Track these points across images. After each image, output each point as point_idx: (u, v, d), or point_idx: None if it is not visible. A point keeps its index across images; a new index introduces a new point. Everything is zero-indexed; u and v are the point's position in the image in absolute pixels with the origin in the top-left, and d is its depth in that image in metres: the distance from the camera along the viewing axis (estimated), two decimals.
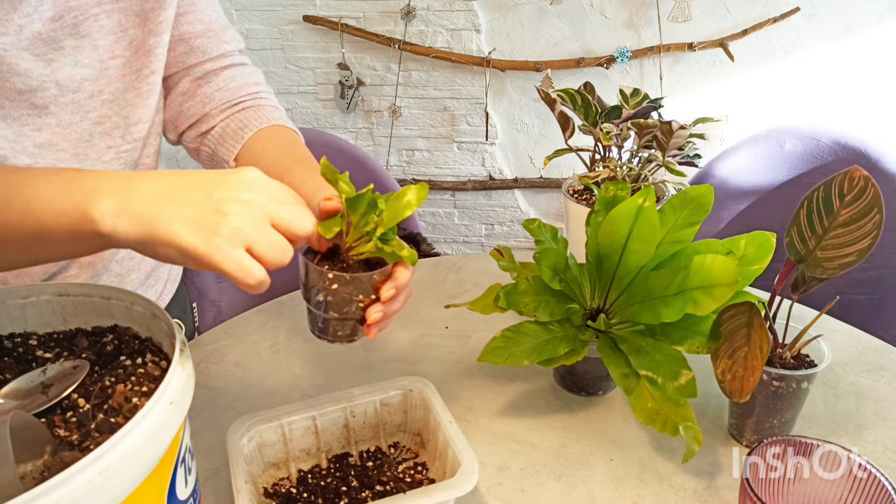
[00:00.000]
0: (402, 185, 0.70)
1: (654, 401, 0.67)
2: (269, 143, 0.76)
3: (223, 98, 0.78)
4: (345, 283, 0.55)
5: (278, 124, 0.79)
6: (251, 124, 0.77)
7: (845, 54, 1.88)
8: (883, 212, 0.61)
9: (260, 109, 0.79)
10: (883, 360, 0.87)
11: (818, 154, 1.31)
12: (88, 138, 0.69)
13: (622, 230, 0.69)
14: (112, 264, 0.78)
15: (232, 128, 0.77)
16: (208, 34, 0.77)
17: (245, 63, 0.82)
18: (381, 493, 0.65)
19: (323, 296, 0.56)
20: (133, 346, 0.54)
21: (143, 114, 0.73)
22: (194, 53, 0.76)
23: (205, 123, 0.78)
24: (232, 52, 0.80)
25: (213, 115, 0.78)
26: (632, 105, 0.97)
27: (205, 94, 0.78)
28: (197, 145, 0.80)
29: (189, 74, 0.77)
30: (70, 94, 0.66)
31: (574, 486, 0.68)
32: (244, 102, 0.79)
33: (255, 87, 0.81)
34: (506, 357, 0.71)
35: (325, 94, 2.17)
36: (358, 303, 0.56)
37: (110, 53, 0.68)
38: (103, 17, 0.66)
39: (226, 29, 0.79)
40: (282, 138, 0.77)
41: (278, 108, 0.83)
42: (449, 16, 2.00)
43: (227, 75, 0.79)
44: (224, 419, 0.78)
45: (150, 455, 0.41)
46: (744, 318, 0.66)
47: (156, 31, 0.70)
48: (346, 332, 0.59)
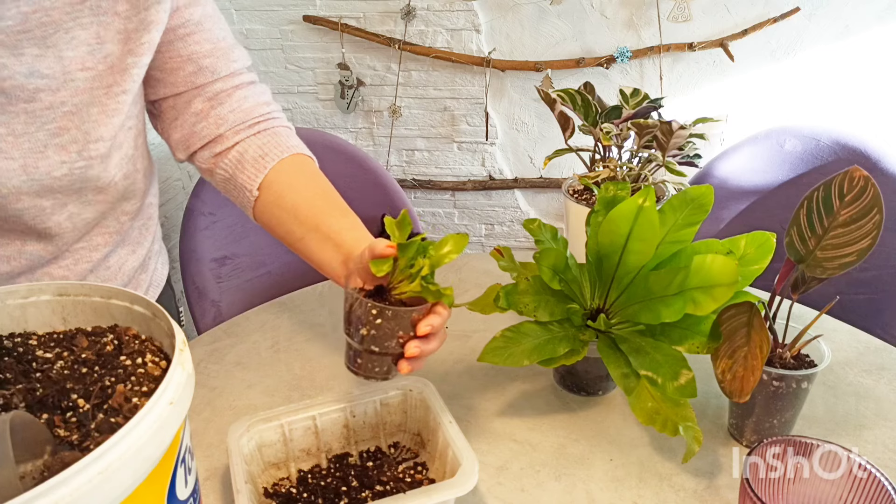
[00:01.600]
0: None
1: (654, 401, 0.67)
2: (296, 178, 0.77)
3: (237, 119, 0.78)
4: (387, 318, 0.59)
5: (298, 152, 0.80)
6: (271, 152, 0.78)
7: (845, 54, 1.88)
8: (883, 212, 0.61)
9: (276, 134, 0.80)
10: (883, 360, 0.87)
11: (818, 154, 1.31)
12: (42, 149, 0.67)
13: (622, 230, 0.69)
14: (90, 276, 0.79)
15: (251, 154, 0.78)
16: (216, 53, 0.76)
17: (254, 81, 0.82)
18: (381, 493, 0.65)
19: (367, 329, 0.60)
20: (133, 346, 0.54)
21: (104, 131, 0.70)
22: (203, 73, 0.76)
23: (219, 144, 0.78)
24: (241, 70, 0.80)
25: (228, 136, 0.78)
26: (632, 105, 0.97)
27: (219, 116, 0.78)
28: (211, 166, 0.80)
29: (201, 95, 0.77)
30: (22, 104, 0.64)
31: (574, 486, 0.68)
32: (259, 124, 0.80)
33: (266, 106, 0.81)
34: (506, 357, 0.71)
35: (325, 94, 2.17)
36: (398, 338, 0.60)
37: (80, 65, 0.66)
38: (77, 30, 0.64)
39: (234, 48, 0.79)
40: (305, 172, 0.79)
41: (290, 127, 0.83)
42: (449, 16, 2.00)
43: (239, 96, 0.79)
44: (224, 419, 0.79)
45: (150, 455, 0.41)
46: (744, 318, 0.66)
47: (136, 51, 0.69)
48: (382, 369, 0.62)
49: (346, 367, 0.64)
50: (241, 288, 1.35)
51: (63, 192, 0.70)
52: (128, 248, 0.84)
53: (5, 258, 0.70)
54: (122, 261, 0.83)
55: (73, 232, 0.74)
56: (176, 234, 1.43)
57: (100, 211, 0.76)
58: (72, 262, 0.76)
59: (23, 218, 0.69)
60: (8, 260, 0.71)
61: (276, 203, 0.76)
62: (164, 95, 0.77)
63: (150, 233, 0.88)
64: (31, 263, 0.73)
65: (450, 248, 0.61)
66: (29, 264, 0.73)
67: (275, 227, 0.77)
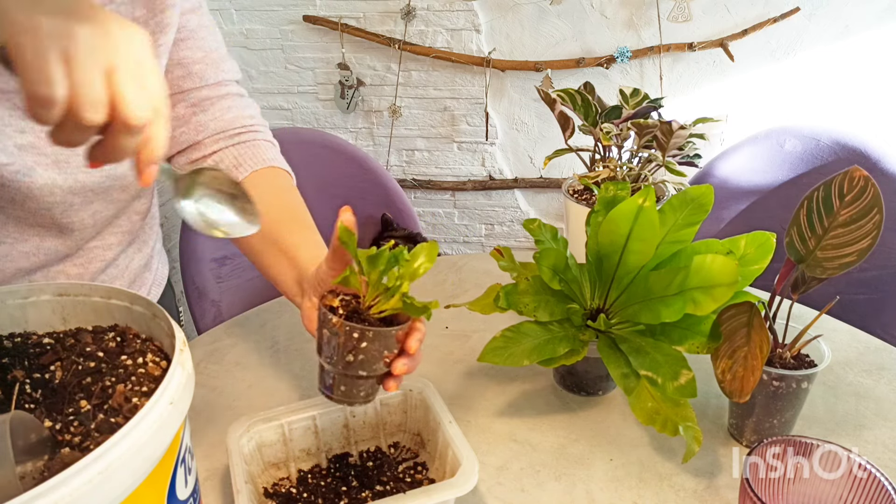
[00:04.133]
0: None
1: (654, 401, 0.67)
2: (264, 189, 0.75)
3: (217, 128, 0.77)
4: (372, 341, 0.56)
5: (272, 165, 0.78)
6: (246, 163, 0.77)
7: (845, 54, 1.88)
8: (883, 212, 0.61)
9: (255, 146, 0.79)
10: (883, 360, 0.87)
11: (818, 154, 1.31)
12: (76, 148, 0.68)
13: (622, 230, 0.69)
14: (100, 276, 0.79)
15: (226, 163, 0.77)
16: (207, 61, 0.76)
17: (242, 94, 0.82)
18: (381, 493, 0.65)
19: (353, 355, 0.56)
20: (133, 346, 0.54)
21: None
22: (191, 78, 0.76)
23: (196, 151, 0.78)
24: (229, 81, 0.80)
25: (206, 143, 0.77)
26: (632, 105, 0.97)
27: (199, 122, 0.77)
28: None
29: (185, 99, 0.77)
30: None
31: (574, 486, 0.68)
32: (240, 135, 0.79)
33: (250, 119, 0.80)
34: (506, 357, 0.71)
35: (325, 94, 2.17)
36: (384, 359, 0.57)
37: None
38: None
39: (225, 59, 0.79)
40: (275, 184, 0.77)
41: (273, 143, 0.82)
42: (449, 16, 2.00)
43: (223, 106, 0.78)
44: (224, 419, 0.78)
45: (150, 455, 0.41)
46: (744, 318, 0.66)
47: (155, 54, 0.69)
48: (366, 392, 0.59)
49: (322, 394, 0.60)
50: (241, 288, 1.35)
51: (94, 190, 0.71)
52: (134, 247, 0.84)
53: (24, 254, 0.71)
54: (129, 260, 0.84)
55: (92, 228, 0.75)
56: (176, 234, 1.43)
57: (118, 209, 0.77)
58: (86, 261, 0.77)
59: (52, 212, 0.70)
60: (27, 256, 0.71)
61: None
62: None
63: (153, 232, 0.89)
64: (49, 260, 0.73)
65: (424, 260, 0.58)
66: (46, 260, 0.73)
67: (240, 242, 0.75)
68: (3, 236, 0.69)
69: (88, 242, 0.77)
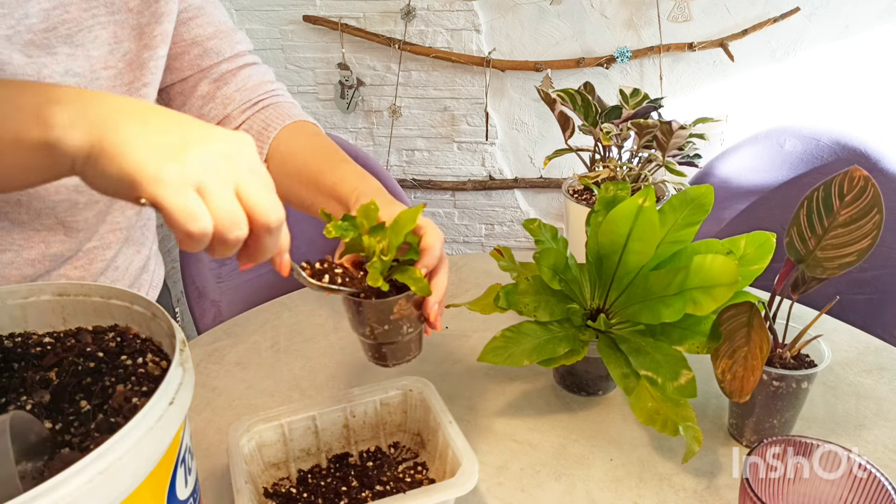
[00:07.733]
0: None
1: (654, 401, 0.67)
2: (296, 142, 0.77)
3: (243, 98, 0.79)
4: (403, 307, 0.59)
5: (299, 119, 0.80)
6: (273, 123, 0.78)
7: (845, 54, 1.88)
8: (883, 212, 0.61)
9: (279, 107, 0.80)
10: (883, 360, 0.87)
11: (818, 154, 1.31)
12: None
13: (622, 230, 0.69)
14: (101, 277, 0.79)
15: (256, 129, 0.78)
16: (220, 35, 0.77)
17: (257, 62, 0.83)
18: (381, 493, 0.65)
19: (387, 325, 0.60)
20: (133, 346, 0.54)
21: None
22: (209, 55, 0.77)
23: (227, 125, 0.79)
24: (244, 52, 0.81)
25: (235, 116, 0.79)
26: (632, 105, 0.97)
27: (225, 96, 0.78)
28: None
29: (207, 77, 0.78)
30: None
31: (574, 486, 0.68)
32: (263, 101, 0.80)
33: (270, 84, 0.82)
34: (506, 357, 0.71)
35: (325, 94, 2.17)
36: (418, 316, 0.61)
37: (103, 64, 0.68)
38: (98, 29, 0.66)
39: (235, 31, 0.80)
40: (305, 134, 0.78)
41: (294, 103, 0.84)
42: (449, 16, 2.00)
43: (244, 75, 0.80)
44: (224, 419, 0.79)
45: (150, 455, 0.41)
46: (744, 318, 0.66)
47: (150, 45, 0.70)
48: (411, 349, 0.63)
49: (373, 363, 0.63)
50: (241, 288, 1.35)
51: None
52: (133, 248, 0.84)
53: (29, 262, 0.71)
54: (129, 261, 0.84)
55: (94, 226, 0.76)
56: None
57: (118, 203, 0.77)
58: (86, 262, 0.77)
59: (55, 211, 0.70)
60: (32, 263, 0.72)
61: (282, 172, 0.76)
62: (171, 82, 0.78)
63: (150, 233, 0.89)
64: (52, 265, 0.73)
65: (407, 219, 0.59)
66: (50, 266, 0.73)
67: (290, 198, 0.75)
68: (9, 243, 0.69)
69: (88, 242, 0.77)
